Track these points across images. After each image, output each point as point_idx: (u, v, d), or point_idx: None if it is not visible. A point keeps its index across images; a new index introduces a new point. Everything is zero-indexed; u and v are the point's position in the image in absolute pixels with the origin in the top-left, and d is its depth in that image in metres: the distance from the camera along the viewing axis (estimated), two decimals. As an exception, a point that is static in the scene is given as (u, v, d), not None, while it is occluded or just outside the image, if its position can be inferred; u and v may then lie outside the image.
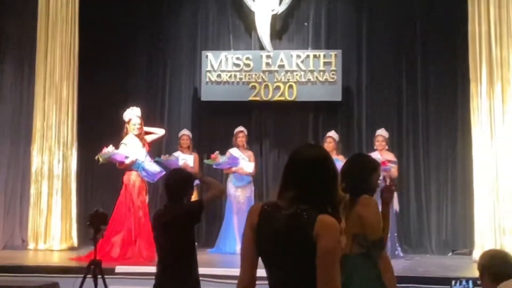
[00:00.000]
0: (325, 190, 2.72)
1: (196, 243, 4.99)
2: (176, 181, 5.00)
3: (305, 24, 11.98)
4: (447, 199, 11.17)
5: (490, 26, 9.92)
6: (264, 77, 11.68)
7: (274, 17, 11.85)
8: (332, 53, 11.53)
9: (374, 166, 4.46)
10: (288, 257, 2.68)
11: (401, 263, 9.40)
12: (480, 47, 9.93)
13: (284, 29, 12.06)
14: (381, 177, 9.95)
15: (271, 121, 11.97)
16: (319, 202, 2.69)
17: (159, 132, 10.12)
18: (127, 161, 9.50)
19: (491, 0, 9.95)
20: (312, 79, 11.55)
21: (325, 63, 11.51)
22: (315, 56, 11.59)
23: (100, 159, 9.49)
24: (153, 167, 9.69)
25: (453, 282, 6.27)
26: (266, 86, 11.65)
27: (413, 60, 11.56)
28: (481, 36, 9.94)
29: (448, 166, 11.23)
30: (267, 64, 11.70)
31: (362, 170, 4.33)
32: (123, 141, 9.59)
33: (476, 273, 3.90)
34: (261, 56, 11.75)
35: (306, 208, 2.67)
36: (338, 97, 11.43)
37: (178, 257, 4.83)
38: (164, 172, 9.46)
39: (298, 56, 11.64)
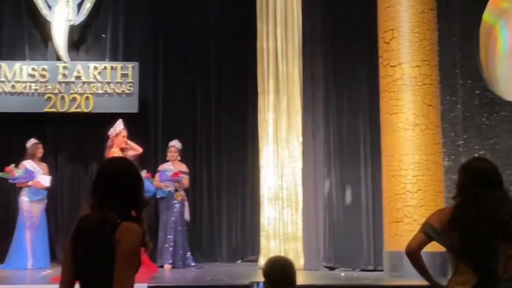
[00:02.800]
0: (128, 197, 2.88)
1: None
2: None
3: (103, 35, 11.63)
4: (237, 207, 11.30)
5: (277, 43, 10.16)
6: (60, 88, 11.18)
7: (71, 28, 11.39)
8: (129, 65, 11.26)
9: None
10: (93, 264, 2.79)
11: (191, 272, 9.32)
12: (268, 62, 10.16)
13: (81, 40, 11.61)
14: (172, 189, 9.94)
15: (67, 133, 11.48)
16: (123, 208, 2.85)
17: (138, 149, 9.13)
18: None
19: (278, 20, 10.21)
20: (109, 91, 11.22)
21: (122, 75, 11.22)
22: (112, 67, 11.27)
23: None
24: (148, 184, 8.88)
25: (254, 286, 6.14)
26: (62, 98, 11.16)
27: (208, 73, 11.61)
28: (269, 52, 10.16)
29: (239, 175, 11.36)
30: (64, 75, 11.21)
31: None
32: (115, 154, 8.51)
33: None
34: (58, 67, 11.24)
35: (110, 214, 2.81)
36: (134, 109, 11.17)
37: None
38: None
39: (95, 68, 11.26)
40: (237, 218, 11.28)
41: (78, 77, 11.22)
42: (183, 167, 10.17)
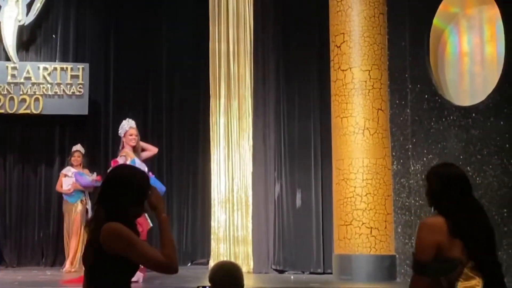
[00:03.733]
0: (115, 205, 2.96)
1: None
2: None
3: (53, 36, 11.27)
4: (188, 211, 11.04)
5: (229, 45, 9.99)
6: (9, 89, 10.79)
7: (21, 28, 11.03)
8: (80, 66, 10.93)
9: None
10: (89, 260, 2.96)
11: (139, 277, 9.00)
12: (220, 64, 9.98)
13: (31, 40, 11.24)
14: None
15: (16, 134, 11.09)
16: (112, 213, 2.94)
17: (153, 150, 8.57)
18: None
19: (230, 21, 10.03)
20: (59, 92, 10.86)
21: (72, 76, 10.88)
22: (62, 69, 10.92)
23: None
24: (159, 184, 8.38)
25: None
26: (12, 99, 10.77)
27: (159, 74, 11.36)
28: (221, 54, 9.98)
29: (190, 178, 11.12)
30: (13, 76, 10.84)
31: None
32: (123, 153, 8.01)
33: None
34: (7, 67, 10.85)
35: (99, 216, 2.96)
36: (84, 111, 10.84)
37: None
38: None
39: (45, 69, 10.90)
40: (187, 221, 11.03)
41: (27, 78, 10.86)
42: (134, 170, 9.85)
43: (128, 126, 8.17)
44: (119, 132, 8.22)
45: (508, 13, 7.34)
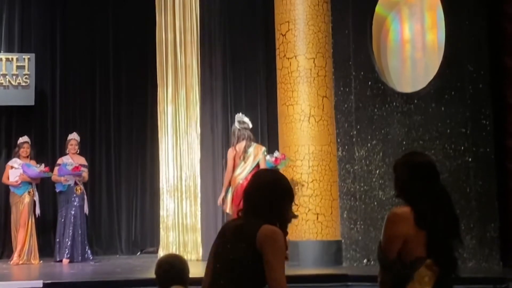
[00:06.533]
0: (270, 210, 2.90)
1: None
2: None
3: (-3, 27, 10.79)
4: (136, 200, 10.78)
5: (176, 35, 9.75)
6: (-47, 80, 10.30)
7: (-34, 19, 10.54)
8: (26, 56, 10.47)
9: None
10: (231, 263, 2.88)
11: (90, 266, 8.74)
12: (167, 54, 9.75)
13: (-24, 31, 10.75)
14: (71, 182, 9.27)
15: (-39, 126, 10.61)
16: (266, 217, 2.89)
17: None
18: None
19: (177, 11, 9.80)
20: (4, 83, 10.39)
21: (18, 67, 10.42)
22: (7, 59, 10.45)
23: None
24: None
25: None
26: (-44, 90, 10.28)
27: (107, 64, 11.00)
28: (168, 43, 9.74)
29: (138, 167, 10.84)
30: (-43, 67, 10.34)
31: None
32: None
33: None
34: (-49, 58, 10.36)
35: (251, 221, 2.89)
36: (31, 101, 10.41)
37: None
38: None
39: (-10, 60, 10.44)
40: (136, 210, 10.76)
41: (-28, 69, 10.38)
42: (82, 160, 9.54)
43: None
44: (247, 124, 7.91)
45: (448, 1, 7.27)
